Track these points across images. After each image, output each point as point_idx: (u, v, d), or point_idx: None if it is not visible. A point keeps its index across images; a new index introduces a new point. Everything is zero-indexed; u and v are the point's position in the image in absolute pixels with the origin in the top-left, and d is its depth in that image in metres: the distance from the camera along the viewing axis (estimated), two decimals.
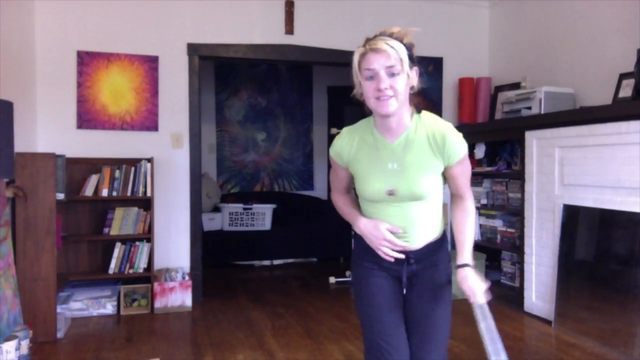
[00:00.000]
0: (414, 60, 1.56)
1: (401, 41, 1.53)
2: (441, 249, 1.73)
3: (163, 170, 4.13)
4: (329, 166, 7.43)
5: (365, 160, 1.65)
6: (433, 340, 1.69)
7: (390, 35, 1.53)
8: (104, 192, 3.85)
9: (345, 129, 1.73)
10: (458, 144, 1.60)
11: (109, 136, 4.04)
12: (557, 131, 3.52)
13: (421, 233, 1.67)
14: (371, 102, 1.55)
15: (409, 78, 1.54)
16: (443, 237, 1.76)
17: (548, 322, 3.53)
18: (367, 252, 1.71)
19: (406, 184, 1.60)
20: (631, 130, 2.97)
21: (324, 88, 6.95)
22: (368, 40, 1.55)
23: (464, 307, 1.88)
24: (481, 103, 4.61)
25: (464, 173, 1.67)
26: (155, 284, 3.83)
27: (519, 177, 3.92)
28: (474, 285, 1.61)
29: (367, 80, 1.53)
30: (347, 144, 1.68)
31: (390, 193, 1.61)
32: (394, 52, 1.49)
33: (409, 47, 1.55)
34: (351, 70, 1.58)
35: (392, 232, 1.64)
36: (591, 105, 3.54)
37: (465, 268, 1.63)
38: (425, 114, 1.65)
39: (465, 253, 1.66)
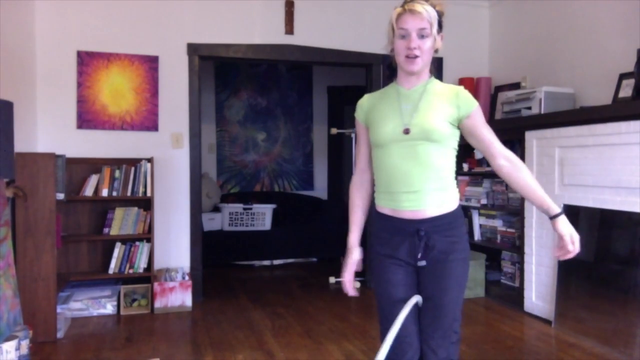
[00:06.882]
0: (442, 26, 1.72)
1: (434, 8, 1.68)
2: (457, 224, 1.72)
3: (163, 170, 4.13)
4: (329, 166, 7.39)
5: (384, 106, 1.76)
6: (440, 324, 1.71)
7: (426, 0, 1.68)
8: (104, 192, 3.85)
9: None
10: (469, 97, 1.72)
11: (109, 136, 4.04)
12: (557, 131, 3.52)
13: (434, 195, 1.67)
14: (400, 59, 1.70)
15: (435, 41, 1.69)
16: (459, 211, 1.74)
17: (548, 322, 3.53)
18: (380, 237, 1.76)
19: (419, 120, 1.67)
20: (631, 130, 2.97)
21: (324, 88, 6.94)
22: (406, 1, 1.68)
23: (463, 308, 1.88)
24: (481, 103, 4.56)
25: (484, 124, 1.71)
26: (155, 284, 3.83)
27: None
28: (574, 234, 1.63)
29: (400, 38, 1.67)
30: (370, 97, 1.85)
31: (406, 131, 1.67)
32: (427, 16, 1.64)
33: (440, 14, 1.70)
34: (388, 27, 1.72)
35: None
36: (591, 105, 3.53)
37: (563, 216, 1.65)
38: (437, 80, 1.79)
39: (550, 202, 1.66)
